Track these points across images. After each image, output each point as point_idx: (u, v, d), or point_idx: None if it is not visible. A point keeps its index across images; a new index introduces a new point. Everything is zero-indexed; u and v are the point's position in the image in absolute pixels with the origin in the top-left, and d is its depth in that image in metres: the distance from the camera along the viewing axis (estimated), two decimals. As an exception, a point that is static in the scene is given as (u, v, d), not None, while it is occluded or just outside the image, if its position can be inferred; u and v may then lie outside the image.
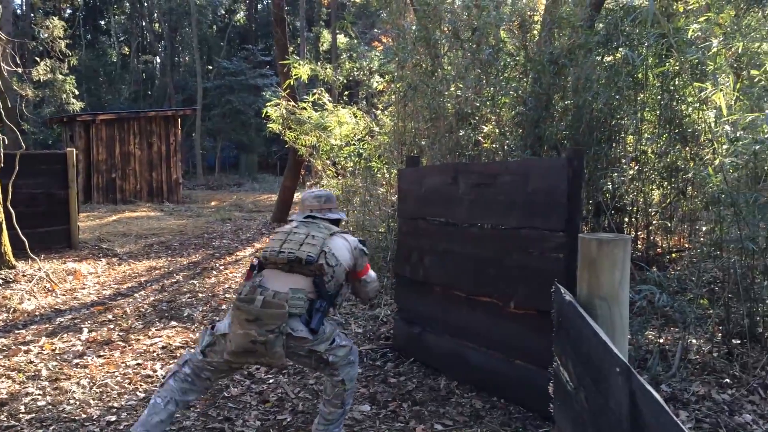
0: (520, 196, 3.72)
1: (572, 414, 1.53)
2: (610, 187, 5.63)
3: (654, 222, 5.84)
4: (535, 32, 6.71)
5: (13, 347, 4.96)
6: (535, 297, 3.54)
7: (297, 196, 12.73)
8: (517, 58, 6.37)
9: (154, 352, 4.87)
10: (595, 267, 1.59)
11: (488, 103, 6.08)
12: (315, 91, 9.09)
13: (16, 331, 5.41)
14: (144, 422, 2.89)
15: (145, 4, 36.44)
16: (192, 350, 3.11)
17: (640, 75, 5.42)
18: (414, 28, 7.09)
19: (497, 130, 6.05)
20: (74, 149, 9.67)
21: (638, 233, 5.83)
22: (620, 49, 5.63)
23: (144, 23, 37.78)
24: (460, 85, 6.32)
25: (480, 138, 6.13)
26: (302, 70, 9.07)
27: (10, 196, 7.15)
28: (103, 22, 39.32)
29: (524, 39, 6.48)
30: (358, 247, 3.25)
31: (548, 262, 3.48)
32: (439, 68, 6.63)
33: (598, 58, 5.69)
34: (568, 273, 3.36)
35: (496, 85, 5.99)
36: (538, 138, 5.74)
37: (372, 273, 3.38)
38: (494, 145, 6.11)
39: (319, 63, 9.39)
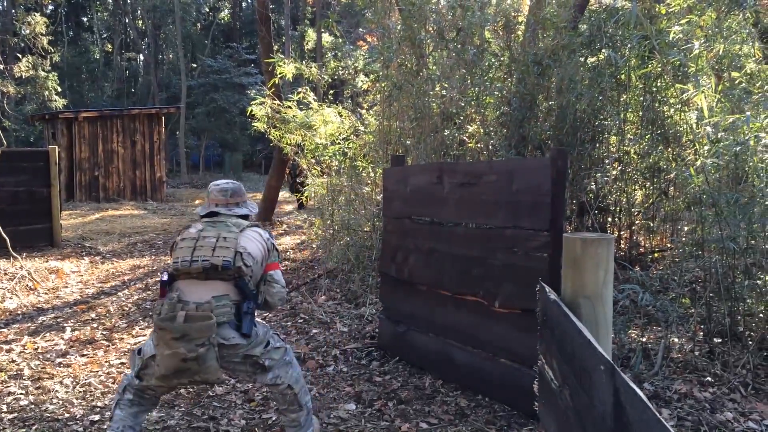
0: (504, 196, 3.75)
1: (557, 412, 1.55)
2: (593, 187, 5.69)
3: (637, 222, 5.90)
4: (520, 33, 6.75)
5: (-5, 347, 4.92)
6: (520, 296, 3.57)
7: (282, 194, 12.71)
8: (502, 59, 6.41)
9: (137, 351, 4.84)
10: (579, 266, 1.61)
11: (473, 103, 6.11)
12: (300, 89, 9.06)
13: (-2, 331, 5.36)
14: None
15: (128, 1, 36.14)
16: (128, 373, 2.99)
17: (622, 76, 5.48)
18: (399, 27, 7.10)
19: (482, 130, 6.08)
20: (56, 147, 9.57)
21: (621, 233, 5.89)
22: (603, 50, 5.69)
23: (127, 20, 37.46)
24: (445, 85, 6.34)
25: (465, 138, 6.16)
26: (287, 69, 9.04)
27: (-9, 194, 7.08)
28: (85, 19, 38.94)
29: (509, 39, 6.51)
30: (270, 240, 3.10)
31: (533, 261, 3.51)
32: (424, 68, 6.64)
33: (582, 59, 5.75)
34: (552, 272, 3.39)
35: (480, 85, 6.02)
36: (522, 138, 5.78)
37: (279, 273, 3.14)
38: (479, 145, 6.14)
39: (304, 62, 9.36)
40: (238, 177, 27.71)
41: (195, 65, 34.14)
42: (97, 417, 3.64)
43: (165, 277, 2.84)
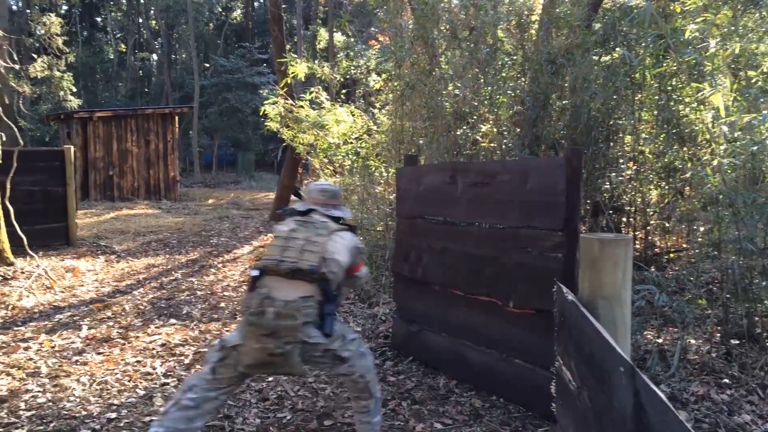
0: (518, 196, 3.74)
1: (575, 413, 1.55)
2: (608, 186, 5.65)
3: (652, 222, 5.86)
4: (533, 32, 6.72)
5: (13, 344, 4.96)
6: (534, 296, 3.56)
7: (295, 194, 12.73)
8: (515, 58, 6.39)
9: (153, 349, 4.87)
10: (597, 267, 1.60)
11: (486, 102, 6.09)
12: (312, 89, 9.09)
13: (15, 328, 5.41)
14: None
15: (141, 1, 36.34)
16: (196, 374, 3.03)
17: (637, 75, 5.44)
18: (411, 27, 7.09)
19: (495, 130, 6.07)
20: (72, 146, 9.65)
21: (636, 233, 5.85)
22: (618, 49, 5.65)
23: (140, 20, 37.66)
24: (458, 84, 6.33)
25: (478, 137, 6.15)
26: (299, 69, 9.07)
27: (8, 193, 7.14)
28: (99, 19, 39.19)
29: (522, 38, 6.49)
30: (356, 246, 3.20)
31: (547, 261, 3.50)
32: (437, 67, 6.64)
33: (596, 57, 5.71)
34: (566, 272, 3.39)
35: (493, 84, 6.01)
36: (536, 137, 5.76)
37: (364, 269, 3.33)
38: (492, 145, 6.13)
39: (316, 61, 9.39)
40: (250, 176, 27.84)
41: (208, 65, 34.28)
42: (113, 415, 3.67)
43: (256, 273, 2.95)
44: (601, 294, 1.57)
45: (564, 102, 5.80)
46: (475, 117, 6.14)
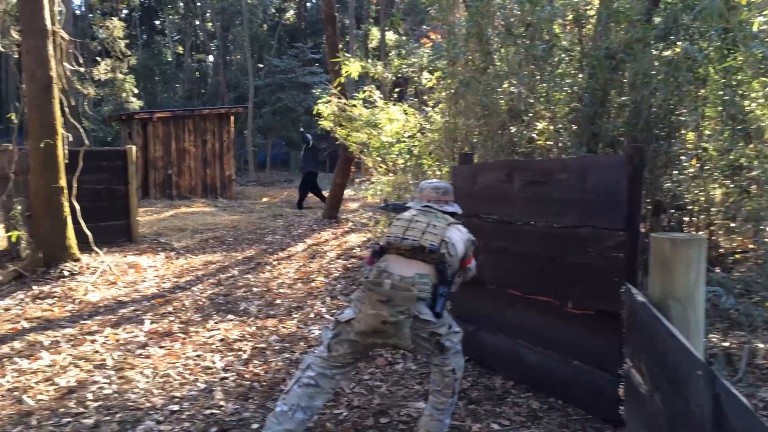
0: (577, 194, 3.68)
1: (646, 417, 1.51)
2: (669, 185, 5.50)
3: (716, 221, 5.67)
4: (590, 27, 6.58)
5: (80, 337, 5.16)
6: (594, 297, 3.50)
7: (347, 192, 12.83)
8: (572, 54, 6.27)
9: (212, 344, 4.99)
10: (668, 267, 1.56)
11: (542, 99, 6.00)
12: (366, 88, 9.13)
13: (82, 322, 5.62)
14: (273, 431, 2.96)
15: (198, 4, 37.17)
16: (313, 352, 3.19)
17: (701, 70, 5.26)
18: (465, 24, 7.04)
19: (551, 127, 5.97)
20: (133, 146, 9.95)
21: (699, 233, 5.67)
22: (680, 43, 5.49)
23: (197, 22, 38.54)
24: (513, 82, 6.25)
25: (533, 135, 6.06)
26: (353, 68, 9.12)
27: (74, 192, 7.42)
28: (158, 22, 40.31)
29: (579, 34, 6.37)
30: (471, 239, 3.34)
31: (608, 261, 3.43)
32: (492, 65, 6.57)
33: (657, 52, 5.56)
34: (628, 273, 3.32)
35: (550, 81, 5.91)
36: (593, 135, 5.64)
37: (474, 262, 3.45)
38: (548, 142, 6.04)
39: (369, 60, 9.42)
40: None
41: (262, 65, 34.82)
42: (176, 407, 3.77)
43: (377, 248, 3.16)
44: (674, 295, 1.53)
45: (623, 98, 5.66)
46: (530, 114, 6.05)
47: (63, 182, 7.11)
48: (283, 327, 5.45)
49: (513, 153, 6.14)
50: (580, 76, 6.03)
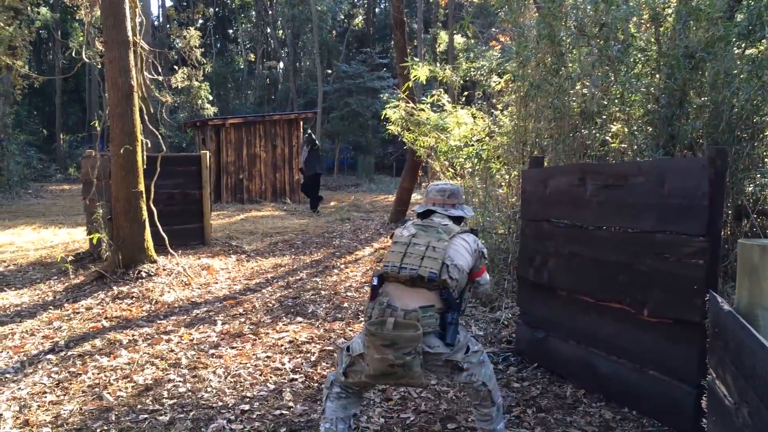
0: (654, 198, 3.55)
1: (732, 430, 1.43)
2: (752, 189, 5.23)
3: (804, 227, 5.36)
4: (668, 25, 6.36)
5: (156, 336, 5.35)
6: (672, 305, 3.36)
7: (415, 197, 12.84)
8: (649, 53, 6.07)
9: (282, 345, 5.07)
10: (757, 275, 1.48)
11: (616, 101, 5.83)
12: (434, 92, 9.11)
13: (158, 321, 5.82)
14: None
15: (270, 12, 38.09)
16: (334, 371, 3.17)
17: (787, 68, 5.00)
18: (536, 25, 6.92)
19: (626, 129, 5.79)
20: (207, 152, 10.27)
21: (785, 239, 5.37)
22: (764, 41, 5.23)
23: (268, 30, 39.49)
24: (586, 83, 6.11)
25: (607, 137, 5.90)
26: (421, 72, 9.11)
27: (152, 196, 7.71)
28: (231, 31, 41.55)
29: (656, 33, 6.16)
30: (479, 250, 3.14)
31: (687, 268, 3.29)
32: (564, 66, 6.43)
33: (739, 51, 5.31)
34: (709, 280, 3.17)
35: (625, 82, 5.73)
36: (671, 137, 5.44)
37: (486, 276, 3.23)
38: (623, 145, 5.86)
39: (438, 64, 9.39)
40: (370, 179, 28.36)
41: (330, 71, 35.37)
42: (247, 407, 3.85)
43: (375, 282, 2.99)
44: (762, 304, 1.45)
45: (703, 99, 5.44)
46: (604, 116, 5.89)
47: (142, 187, 7.39)
48: (351, 330, 5.49)
49: (585, 156, 6.00)
50: (657, 76, 5.83)
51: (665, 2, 6.22)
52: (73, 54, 11.92)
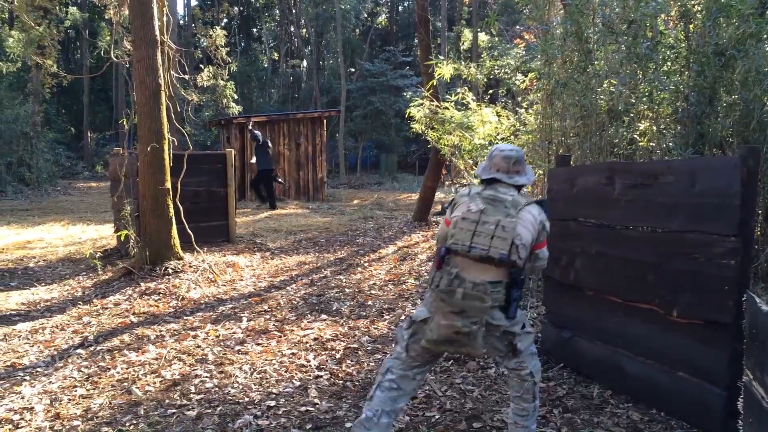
0: (684, 198, 3.50)
1: (769, 434, 1.41)
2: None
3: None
4: (698, 22, 6.27)
5: (183, 332, 5.41)
6: (703, 306, 3.32)
7: (438, 195, 12.81)
8: (678, 51, 5.99)
9: (306, 343, 5.10)
10: (795, 276, 1.45)
11: (644, 99, 5.76)
12: (459, 90, 9.08)
13: (185, 318, 5.89)
14: None
15: (294, 12, 38.27)
16: (390, 356, 3.15)
17: (821, 65, 4.90)
18: (563, 22, 6.87)
19: (654, 128, 5.72)
20: (232, 150, 10.35)
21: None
22: (797, 37, 5.14)
23: (292, 29, 39.70)
24: (614, 81, 6.04)
25: (635, 136, 5.83)
26: (445, 70, 9.09)
27: (178, 193, 7.79)
28: (255, 30, 41.81)
29: (686, 30, 6.07)
30: (543, 223, 3.08)
31: (718, 268, 3.25)
32: (591, 64, 6.37)
33: (772, 48, 5.22)
34: (740, 281, 3.13)
35: (654, 80, 5.67)
36: (700, 135, 5.36)
37: (545, 250, 3.17)
38: (650, 144, 5.79)
39: (462, 62, 9.35)
40: (393, 177, 28.36)
41: (353, 69, 35.45)
42: (272, 403, 3.88)
43: (443, 252, 2.98)
44: (801, 305, 1.43)
45: (733, 97, 5.35)
46: (631, 115, 5.83)
47: (168, 184, 7.47)
48: (375, 328, 5.50)
49: (612, 154, 5.94)
50: (686, 74, 5.75)
51: (695, -2, 6.14)
52: (101, 53, 12.10)
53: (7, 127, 20.17)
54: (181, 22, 34.36)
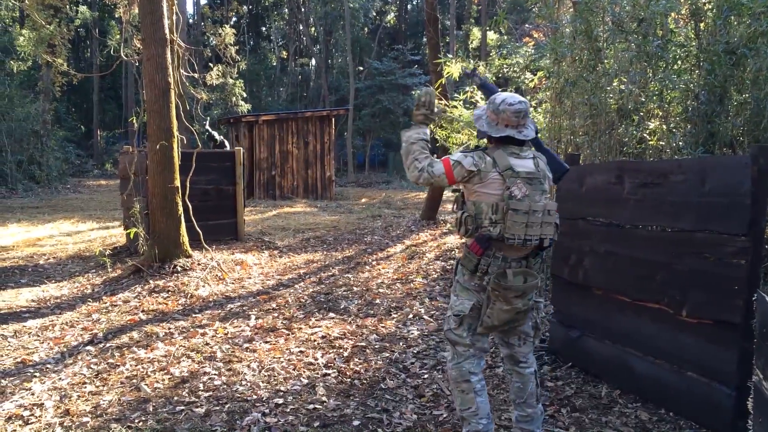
0: (694, 197, 3.48)
1: (779, 434, 1.40)
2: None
3: None
4: (709, 20, 6.23)
5: (191, 330, 5.43)
6: (712, 305, 3.30)
7: (446, 194, 12.78)
8: (688, 49, 5.96)
9: (314, 341, 5.11)
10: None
11: (654, 97, 5.74)
12: (467, 89, 9.07)
13: (193, 315, 5.91)
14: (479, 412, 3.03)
15: (303, 10, 38.30)
16: (454, 361, 3.10)
17: (833, 64, 4.86)
18: (572, 21, 6.84)
19: (664, 127, 5.70)
20: (241, 148, 10.38)
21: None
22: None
23: (301, 27, 39.74)
24: (624, 80, 6.02)
25: (645, 135, 5.80)
26: (454, 69, 9.07)
27: (187, 191, 7.82)
28: (264, 29, 41.89)
29: (696, 28, 6.04)
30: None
31: (727, 268, 3.23)
32: (600, 62, 6.35)
33: (783, 47, 5.18)
34: (750, 280, 3.11)
35: (664, 78, 5.64)
36: (710, 134, 5.34)
37: None
38: (660, 143, 5.76)
39: (472, 61, 9.34)
40: (401, 176, 28.34)
41: (362, 68, 35.46)
42: (281, 400, 3.89)
43: (485, 239, 2.89)
44: (812, 305, 1.41)
45: (744, 95, 5.32)
46: (641, 113, 5.80)
47: (177, 182, 7.50)
48: (383, 326, 5.50)
49: (621, 153, 5.92)
50: (697, 72, 5.72)
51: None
52: (111, 52, 12.15)
53: (17, 126, 20.32)
54: (191, 20, 34.46)
